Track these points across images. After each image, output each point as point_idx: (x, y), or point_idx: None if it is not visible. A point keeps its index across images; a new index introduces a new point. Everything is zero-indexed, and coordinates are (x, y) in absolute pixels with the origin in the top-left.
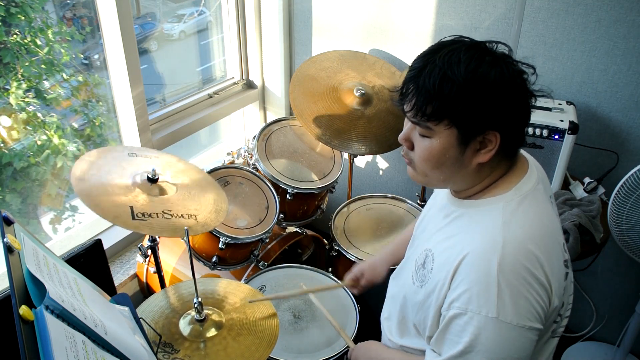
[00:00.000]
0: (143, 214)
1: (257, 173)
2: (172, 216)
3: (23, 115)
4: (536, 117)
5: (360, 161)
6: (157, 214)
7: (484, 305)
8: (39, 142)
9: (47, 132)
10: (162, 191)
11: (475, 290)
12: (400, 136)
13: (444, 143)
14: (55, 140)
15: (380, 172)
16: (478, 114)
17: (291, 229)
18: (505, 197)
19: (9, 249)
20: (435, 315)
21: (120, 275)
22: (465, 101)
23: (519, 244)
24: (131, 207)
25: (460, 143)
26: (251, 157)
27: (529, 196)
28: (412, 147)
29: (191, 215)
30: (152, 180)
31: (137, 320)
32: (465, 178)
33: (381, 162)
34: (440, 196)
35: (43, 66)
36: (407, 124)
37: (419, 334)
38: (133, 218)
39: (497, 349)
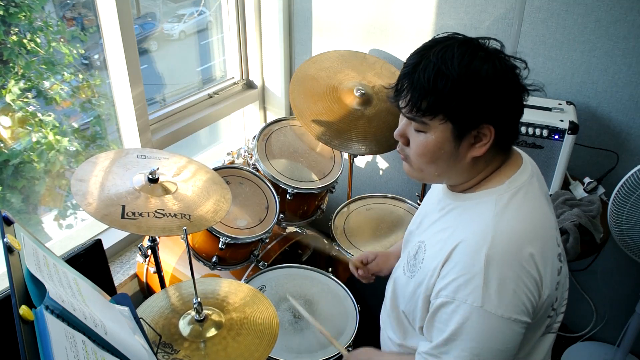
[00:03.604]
0: (133, 213)
1: (257, 173)
2: (164, 215)
3: (20, 115)
4: (536, 117)
5: (360, 161)
6: (148, 213)
7: (470, 295)
8: (34, 139)
9: (42, 130)
10: (164, 191)
11: (463, 279)
12: (396, 132)
13: (439, 138)
14: (50, 137)
15: (380, 172)
16: (472, 108)
17: (291, 229)
18: (499, 189)
19: (9, 249)
20: (424, 305)
21: (120, 275)
22: (459, 96)
23: (510, 236)
24: (123, 207)
25: (455, 137)
26: (251, 157)
27: (522, 189)
28: (407, 143)
29: (185, 215)
30: (153, 180)
31: (137, 320)
32: (460, 172)
33: (381, 162)
34: (435, 191)
35: (43, 66)
36: (403, 120)
37: (410, 325)
38: (122, 217)
39: (481, 338)
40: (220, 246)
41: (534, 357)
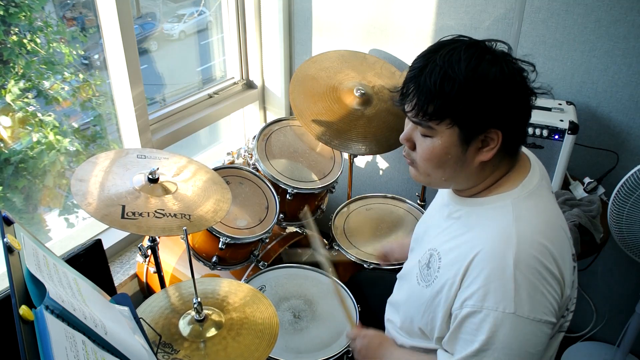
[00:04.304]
0: (133, 213)
1: (257, 173)
2: (164, 215)
3: (21, 115)
4: (536, 117)
5: (360, 161)
6: (148, 213)
7: (501, 302)
8: (34, 139)
9: (43, 130)
10: (164, 191)
11: (492, 287)
12: (402, 136)
13: (446, 142)
14: (51, 137)
15: (380, 172)
16: (479, 113)
17: (291, 229)
18: (513, 193)
19: (9, 249)
20: (444, 315)
21: (120, 275)
22: (466, 100)
23: (532, 238)
24: (123, 207)
25: (462, 142)
26: (251, 157)
27: (535, 192)
28: (413, 147)
29: (185, 215)
30: (153, 180)
31: (137, 320)
32: (467, 177)
33: (381, 162)
34: (440, 196)
35: (43, 66)
36: (408, 124)
37: (424, 336)
38: (122, 217)
39: (514, 344)
40: (220, 246)
41: (543, 356)
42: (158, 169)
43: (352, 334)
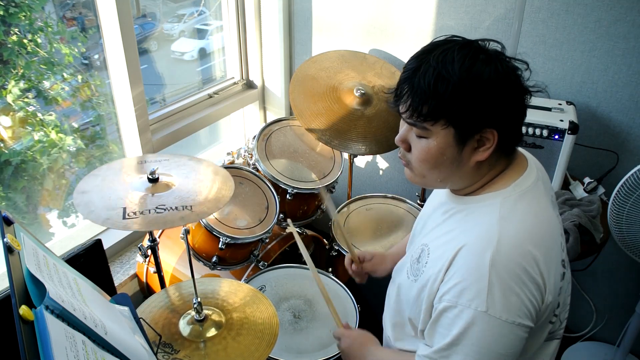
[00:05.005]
0: (134, 213)
1: (257, 173)
2: (165, 210)
3: (21, 115)
4: (536, 117)
5: (360, 161)
6: (149, 210)
7: (474, 299)
8: (36, 138)
9: (44, 129)
10: (164, 188)
11: (467, 283)
12: (397, 138)
13: (441, 143)
14: (53, 135)
15: (380, 172)
16: (474, 112)
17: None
18: (504, 192)
19: (9, 249)
20: (427, 308)
21: (120, 275)
22: (461, 100)
23: (515, 240)
24: (124, 209)
25: (457, 142)
26: (251, 157)
27: (528, 193)
28: (409, 149)
29: (186, 207)
30: (153, 180)
31: (137, 320)
32: (463, 177)
33: (381, 162)
34: (439, 194)
35: (43, 66)
36: (403, 126)
37: (414, 331)
38: (123, 218)
39: (484, 343)
40: (220, 246)
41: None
42: (157, 168)
43: (338, 333)
